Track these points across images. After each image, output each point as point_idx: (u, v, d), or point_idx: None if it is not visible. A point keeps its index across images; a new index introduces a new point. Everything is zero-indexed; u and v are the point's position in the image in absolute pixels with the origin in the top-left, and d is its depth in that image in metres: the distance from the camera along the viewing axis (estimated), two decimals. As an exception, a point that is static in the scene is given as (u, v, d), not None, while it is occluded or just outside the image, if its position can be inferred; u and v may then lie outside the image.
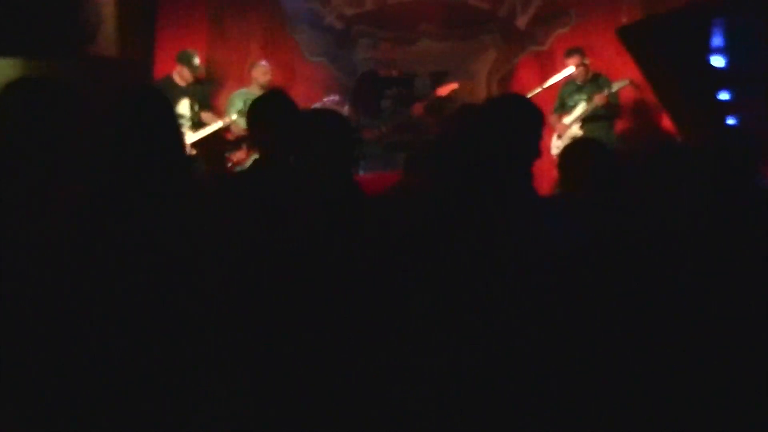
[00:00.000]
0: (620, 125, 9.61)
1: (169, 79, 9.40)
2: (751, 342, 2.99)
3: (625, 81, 9.22)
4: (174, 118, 3.33)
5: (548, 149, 9.39)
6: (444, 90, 9.48)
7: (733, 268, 3.05)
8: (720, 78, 7.46)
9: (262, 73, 9.62)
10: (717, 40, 7.27)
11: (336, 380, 3.23)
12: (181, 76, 9.34)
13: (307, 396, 3.23)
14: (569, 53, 9.44)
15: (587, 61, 9.38)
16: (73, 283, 2.92)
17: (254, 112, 4.38)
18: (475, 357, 3.08)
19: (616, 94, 9.30)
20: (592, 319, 3.12)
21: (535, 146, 3.74)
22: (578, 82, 9.49)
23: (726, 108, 7.24)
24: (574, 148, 4.39)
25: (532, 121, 3.80)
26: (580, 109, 9.35)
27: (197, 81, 9.57)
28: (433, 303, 3.18)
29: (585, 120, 9.33)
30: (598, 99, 9.12)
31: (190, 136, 9.13)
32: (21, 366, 2.88)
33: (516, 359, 3.10)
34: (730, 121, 7.27)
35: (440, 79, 10.35)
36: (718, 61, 7.45)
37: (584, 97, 9.36)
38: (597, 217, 3.54)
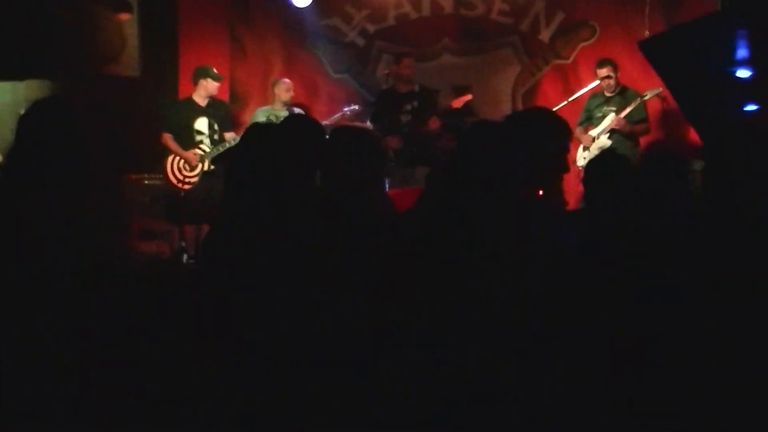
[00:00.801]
0: (647, 137, 9.51)
1: (189, 100, 9.43)
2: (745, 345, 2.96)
3: (657, 89, 9.09)
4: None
5: (574, 161, 9.36)
6: (458, 102, 9.48)
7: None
8: (746, 90, 7.36)
9: (284, 90, 9.67)
10: (741, 52, 7.17)
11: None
12: (206, 90, 9.34)
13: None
14: (601, 64, 9.40)
15: (617, 73, 9.33)
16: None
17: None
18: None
19: (642, 107, 9.24)
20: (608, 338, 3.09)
21: (563, 161, 3.73)
22: (606, 94, 9.44)
23: (752, 118, 7.14)
24: (600, 162, 4.34)
25: (559, 135, 3.79)
26: (608, 120, 9.29)
27: (218, 101, 9.56)
28: (454, 316, 3.16)
29: (612, 131, 9.25)
30: (620, 123, 9.12)
31: (209, 153, 9.17)
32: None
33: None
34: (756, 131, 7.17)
35: (463, 93, 10.34)
36: (743, 72, 7.35)
37: (613, 108, 9.32)
38: (620, 231, 3.51)
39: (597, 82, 9.37)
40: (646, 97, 9.20)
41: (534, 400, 3.01)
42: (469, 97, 9.55)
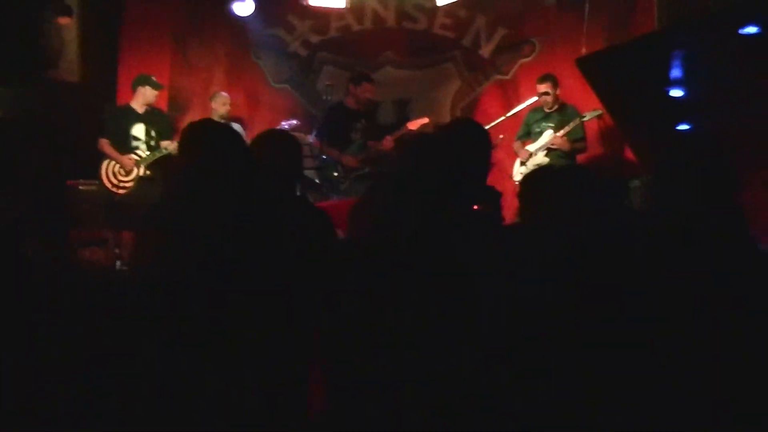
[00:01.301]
0: (584, 155, 9.55)
1: (128, 107, 9.36)
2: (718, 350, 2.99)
3: (597, 111, 9.18)
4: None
5: (510, 176, 9.43)
6: (415, 124, 9.51)
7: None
8: (679, 109, 7.48)
9: (221, 103, 9.69)
10: (676, 72, 7.28)
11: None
12: (144, 97, 9.29)
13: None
14: (542, 79, 9.42)
15: (556, 90, 9.39)
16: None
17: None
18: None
19: (581, 127, 9.30)
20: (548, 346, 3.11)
21: (485, 163, 3.80)
22: (546, 110, 9.47)
23: (686, 138, 7.25)
24: (535, 176, 4.38)
25: (480, 140, 3.88)
26: (547, 137, 9.31)
27: (156, 109, 9.52)
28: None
29: (549, 149, 9.31)
30: (558, 141, 9.17)
31: (145, 158, 9.16)
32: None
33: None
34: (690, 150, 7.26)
35: (404, 106, 10.38)
36: (676, 92, 7.47)
37: (551, 125, 9.34)
38: (554, 245, 3.52)
39: (535, 98, 9.42)
40: (586, 119, 9.25)
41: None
42: (425, 120, 9.54)
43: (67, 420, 3.23)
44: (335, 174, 9.34)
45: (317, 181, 9.37)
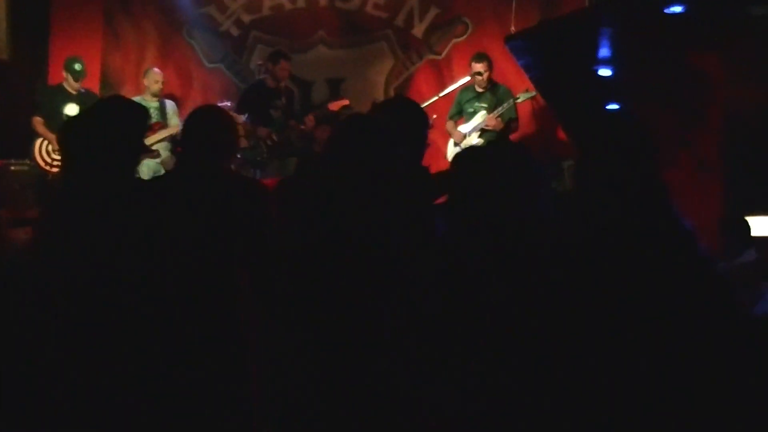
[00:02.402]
0: (516, 134, 9.61)
1: (60, 86, 9.32)
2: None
3: (531, 93, 9.26)
4: None
5: (444, 156, 9.48)
6: (336, 105, 9.55)
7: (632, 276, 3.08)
8: (608, 89, 7.56)
9: (153, 80, 9.59)
10: (604, 51, 7.36)
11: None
12: (68, 83, 9.21)
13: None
14: (477, 58, 9.42)
15: (491, 71, 9.41)
16: None
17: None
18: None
19: (513, 108, 9.37)
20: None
21: (421, 139, 3.88)
22: (478, 89, 9.50)
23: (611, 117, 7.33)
24: (463, 157, 4.42)
25: (416, 119, 3.95)
26: (480, 118, 9.35)
27: (88, 92, 9.42)
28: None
29: (483, 130, 9.35)
30: (492, 123, 9.22)
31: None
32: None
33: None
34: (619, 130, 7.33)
35: (337, 85, 10.38)
36: (605, 71, 7.55)
37: (484, 105, 9.38)
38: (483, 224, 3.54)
39: (468, 78, 9.47)
40: (519, 100, 9.34)
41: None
42: (346, 102, 9.58)
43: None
44: (264, 154, 9.36)
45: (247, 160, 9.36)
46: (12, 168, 8.94)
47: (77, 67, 9.23)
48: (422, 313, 3.16)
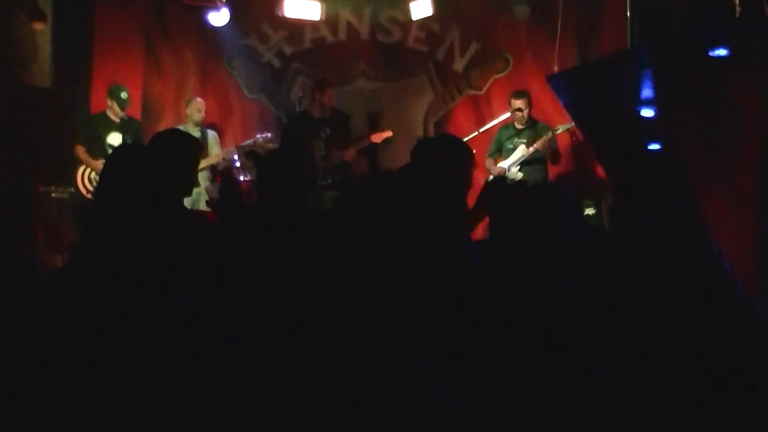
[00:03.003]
0: (555, 170, 9.64)
1: (103, 114, 9.36)
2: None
3: (568, 123, 9.22)
4: None
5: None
6: (378, 137, 9.54)
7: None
8: (649, 129, 7.51)
9: (196, 110, 9.66)
10: (647, 91, 7.32)
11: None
12: (112, 110, 9.26)
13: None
14: (517, 95, 9.45)
15: (530, 108, 9.42)
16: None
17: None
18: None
19: (554, 139, 9.36)
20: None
21: (466, 179, 3.85)
22: (517, 126, 9.51)
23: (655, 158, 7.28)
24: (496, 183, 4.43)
25: (462, 156, 3.94)
26: (520, 152, 9.36)
27: (131, 119, 9.48)
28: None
29: (523, 163, 9.35)
30: (540, 143, 9.18)
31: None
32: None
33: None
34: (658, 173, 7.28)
35: (376, 119, 10.38)
36: (647, 111, 7.50)
37: (523, 140, 9.38)
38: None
39: (508, 114, 9.47)
40: (558, 131, 9.33)
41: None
42: (389, 133, 9.61)
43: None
44: None
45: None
46: (53, 194, 9.01)
47: (123, 95, 9.27)
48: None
